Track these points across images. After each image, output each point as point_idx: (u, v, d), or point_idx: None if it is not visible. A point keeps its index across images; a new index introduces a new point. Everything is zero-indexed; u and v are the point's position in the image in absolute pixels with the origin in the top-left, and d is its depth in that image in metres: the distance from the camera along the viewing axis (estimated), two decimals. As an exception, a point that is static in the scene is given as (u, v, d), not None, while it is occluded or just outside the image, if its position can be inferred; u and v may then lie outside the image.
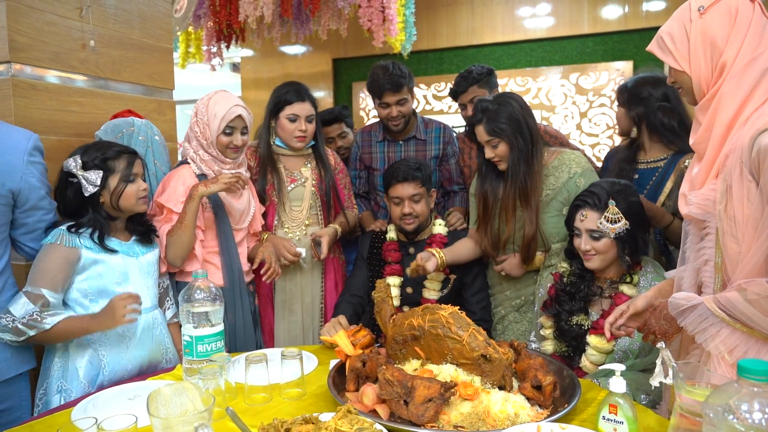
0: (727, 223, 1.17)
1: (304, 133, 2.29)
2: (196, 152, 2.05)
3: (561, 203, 2.02)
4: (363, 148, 2.76)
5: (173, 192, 1.96)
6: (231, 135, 2.03)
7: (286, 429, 1.13)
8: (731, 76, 1.19)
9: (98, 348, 1.67)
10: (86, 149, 1.71)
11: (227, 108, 2.01)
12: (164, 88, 2.72)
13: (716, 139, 1.22)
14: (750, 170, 1.13)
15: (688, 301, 1.22)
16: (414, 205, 2.15)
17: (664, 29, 1.30)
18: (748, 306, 1.12)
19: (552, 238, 2.05)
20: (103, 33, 2.37)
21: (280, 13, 3.95)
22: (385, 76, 2.51)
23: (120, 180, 1.69)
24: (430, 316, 1.52)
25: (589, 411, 1.37)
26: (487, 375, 1.42)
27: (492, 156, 2.01)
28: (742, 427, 0.83)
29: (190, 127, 2.07)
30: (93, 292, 1.67)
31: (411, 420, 1.26)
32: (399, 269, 2.22)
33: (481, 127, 2.00)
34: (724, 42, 1.20)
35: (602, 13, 4.80)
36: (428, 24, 5.22)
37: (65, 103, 2.22)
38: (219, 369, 1.41)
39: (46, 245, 1.63)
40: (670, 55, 1.28)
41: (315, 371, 1.69)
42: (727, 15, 1.20)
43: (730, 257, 1.19)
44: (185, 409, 1.07)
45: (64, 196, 1.70)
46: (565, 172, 2.02)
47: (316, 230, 2.33)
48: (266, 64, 5.97)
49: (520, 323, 2.17)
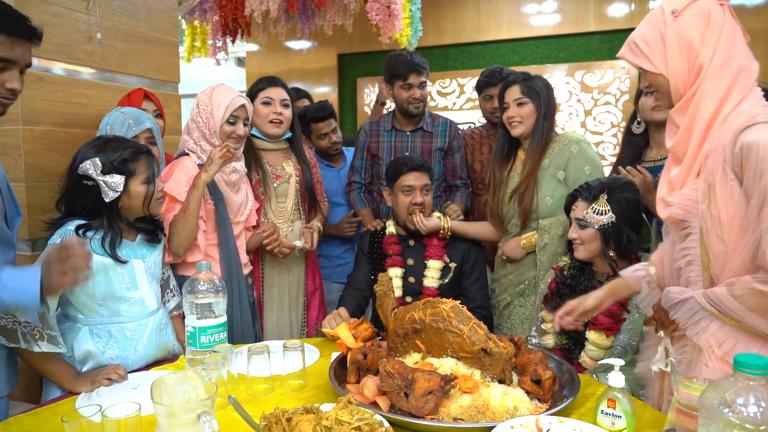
0: (711, 222, 1.19)
1: (279, 116, 2.31)
2: (197, 143, 2.07)
3: (555, 168, 2.14)
4: (371, 137, 2.81)
5: (176, 182, 1.97)
6: (234, 124, 2.07)
7: (288, 418, 1.14)
8: (709, 77, 1.21)
9: (105, 350, 1.62)
10: (100, 148, 1.61)
11: (231, 98, 2.05)
12: (170, 82, 2.74)
13: (696, 139, 1.23)
14: (732, 168, 1.15)
15: (680, 295, 1.24)
16: (425, 195, 2.22)
17: (636, 34, 1.32)
18: (734, 301, 1.15)
19: (545, 201, 2.13)
20: (110, 26, 2.38)
21: (286, 8, 3.95)
22: (410, 59, 2.66)
23: (142, 183, 1.64)
24: (431, 310, 1.53)
25: (588, 405, 1.38)
26: (487, 369, 1.43)
27: (513, 116, 2.15)
28: (738, 420, 0.84)
29: (192, 118, 2.09)
30: (101, 296, 1.61)
31: (411, 412, 1.28)
32: (400, 261, 2.27)
33: (517, 86, 2.16)
34: (700, 43, 1.22)
35: (608, 10, 4.78)
36: (433, 20, 5.21)
37: (71, 95, 2.24)
38: (222, 360, 1.42)
39: (51, 245, 1.52)
40: (645, 58, 1.30)
41: (316, 363, 1.71)
42: (700, 17, 1.23)
43: (716, 256, 1.20)
44: (188, 397, 1.08)
45: (75, 198, 1.61)
46: (561, 142, 2.16)
47: (299, 225, 2.42)
48: (271, 59, 5.97)
49: (523, 307, 2.22)
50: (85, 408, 1.10)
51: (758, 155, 1.09)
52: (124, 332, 1.65)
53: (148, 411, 1.12)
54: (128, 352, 1.65)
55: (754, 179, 1.10)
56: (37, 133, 2.11)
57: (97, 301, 1.62)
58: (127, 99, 2.24)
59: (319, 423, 1.09)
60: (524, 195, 2.14)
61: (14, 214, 1.47)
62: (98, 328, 1.63)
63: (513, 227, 2.24)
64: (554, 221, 2.10)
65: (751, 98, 1.21)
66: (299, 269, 2.45)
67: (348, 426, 1.08)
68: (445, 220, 2.22)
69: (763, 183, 1.09)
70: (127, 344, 1.65)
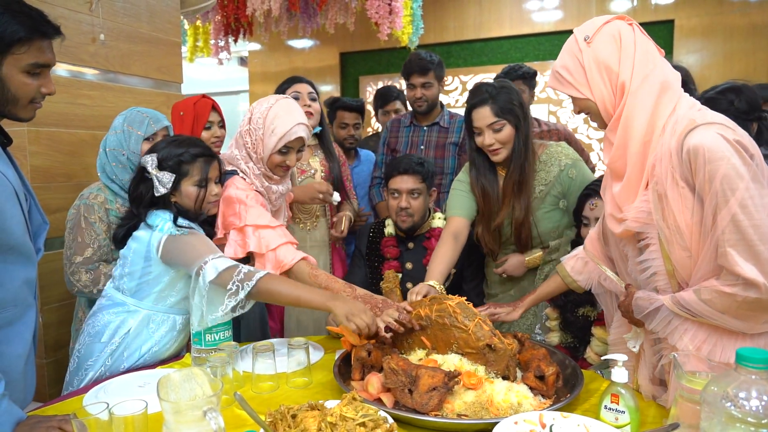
0: (668, 231, 1.21)
1: (309, 108, 2.28)
2: (246, 163, 1.84)
3: (555, 197, 2.00)
4: (391, 132, 2.91)
5: (232, 213, 1.76)
6: (286, 154, 1.82)
7: (293, 415, 1.15)
8: (632, 94, 1.25)
9: (152, 336, 1.66)
10: (166, 145, 1.67)
11: (289, 127, 1.78)
12: (173, 82, 2.75)
13: (635, 154, 1.26)
14: (682, 175, 1.17)
15: (651, 304, 1.27)
16: (411, 200, 2.10)
17: (558, 64, 1.37)
18: (703, 305, 1.17)
19: (551, 234, 2.03)
20: (113, 27, 2.39)
21: (288, 7, 3.96)
22: (416, 60, 2.73)
23: (193, 185, 1.65)
24: (437, 306, 1.54)
25: (592, 401, 1.38)
26: (491, 365, 1.44)
27: (491, 143, 1.89)
28: (740, 414, 0.84)
29: (240, 133, 1.85)
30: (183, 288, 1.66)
31: (415, 408, 1.28)
32: (397, 266, 2.19)
33: (486, 108, 1.88)
34: (617, 64, 1.26)
35: (611, 6, 4.78)
36: (435, 17, 5.20)
37: (75, 96, 2.25)
38: (227, 358, 1.43)
39: (175, 236, 1.57)
40: (570, 86, 1.34)
41: (321, 361, 1.72)
42: (611, 40, 1.28)
43: (680, 263, 1.23)
44: (194, 394, 1.09)
45: (137, 186, 1.66)
46: (555, 165, 1.98)
47: (325, 222, 2.39)
48: (274, 58, 5.98)
49: (524, 318, 2.17)
50: (93, 406, 1.11)
51: (705, 157, 1.12)
52: (174, 322, 1.69)
53: (155, 408, 1.14)
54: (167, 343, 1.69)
55: (704, 181, 1.13)
56: (42, 135, 2.13)
57: (173, 292, 1.66)
58: (192, 107, 2.17)
59: (324, 419, 1.10)
60: (522, 227, 1.99)
61: (40, 223, 1.44)
62: (157, 315, 1.67)
63: (509, 251, 2.12)
64: (564, 241, 2.02)
65: (684, 104, 1.24)
66: (324, 262, 2.40)
67: (353, 422, 1.09)
68: (439, 288, 1.82)
69: (714, 185, 1.11)
70: (170, 336, 1.69)
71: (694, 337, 1.21)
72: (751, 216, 1.08)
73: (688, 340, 1.21)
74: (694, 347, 1.20)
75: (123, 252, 1.66)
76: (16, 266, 1.31)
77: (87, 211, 1.90)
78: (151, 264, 1.61)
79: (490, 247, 2.08)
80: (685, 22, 4.53)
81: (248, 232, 1.72)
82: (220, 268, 1.52)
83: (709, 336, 1.20)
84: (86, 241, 1.89)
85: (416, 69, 2.70)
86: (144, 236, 1.62)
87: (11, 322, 1.32)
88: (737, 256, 1.09)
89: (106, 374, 1.62)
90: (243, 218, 1.73)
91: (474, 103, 1.92)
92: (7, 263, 1.28)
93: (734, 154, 1.10)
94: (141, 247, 1.62)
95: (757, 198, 1.09)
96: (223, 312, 1.54)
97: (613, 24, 1.29)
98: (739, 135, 1.14)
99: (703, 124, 1.16)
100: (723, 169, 1.10)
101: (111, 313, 1.65)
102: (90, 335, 1.65)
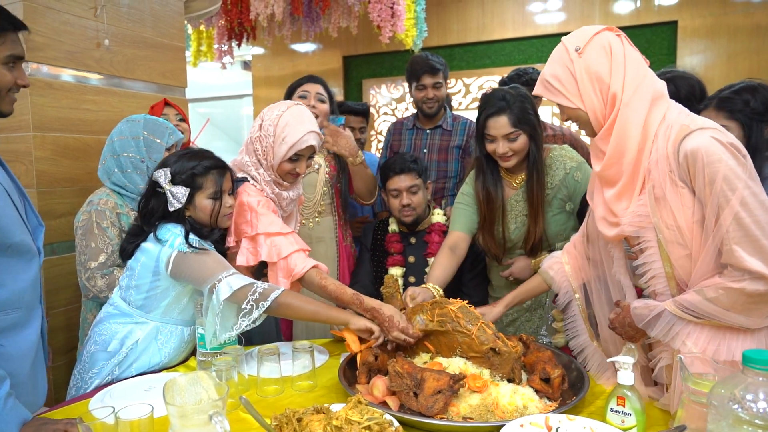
0: (668, 232, 1.25)
1: (314, 109, 2.25)
2: (257, 170, 1.82)
3: (561, 200, 1.99)
4: (394, 135, 2.92)
5: (244, 221, 1.76)
6: (296, 162, 1.82)
7: (298, 418, 1.15)
8: (625, 105, 1.28)
9: (161, 348, 1.66)
10: (178, 158, 1.64)
11: (300, 135, 1.77)
12: (177, 86, 2.76)
13: (630, 162, 1.29)
14: (681, 177, 1.21)
15: (650, 311, 1.27)
16: (411, 196, 2.18)
17: (547, 72, 1.37)
18: (709, 305, 1.18)
19: (558, 236, 2.02)
20: (117, 32, 2.41)
21: (291, 11, 3.97)
22: (425, 61, 2.73)
23: (207, 198, 1.63)
24: (439, 311, 1.54)
25: (598, 404, 1.38)
26: (496, 368, 1.44)
27: (505, 151, 1.88)
28: (747, 416, 0.84)
29: (251, 139, 1.84)
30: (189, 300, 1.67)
31: (421, 411, 1.28)
32: (401, 260, 2.26)
33: (504, 117, 1.85)
34: (608, 75, 1.29)
35: (614, 8, 4.76)
36: (438, 20, 5.21)
37: (80, 102, 2.26)
38: (232, 361, 1.44)
39: (186, 254, 1.55)
40: (561, 95, 1.35)
41: (326, 364, 1.72)
42: (602, 51, 1.30)
43: (679, 263, 1.25)
44: (200, 398, 1.09)
45: (148, 201, 1.64)
46: (560, 168, 1.96)
47: (330, 221, 2.39)
48: (277, 62, 6.00)
49: (530, 321, 2.17)
50: (99, 410, 1.11)
51: (704, 161, 1.16)
52: (182, 334, 1.70)
53: (161, 412, 1.14)
54: (176, 355, 1.70)
55: (704, 184, 1.17)
56: (47, 140, 2.14)
57: (179, 305, 1.67)
58: (150, 112, 2.27)
59: (329, 423, 1.10)
60: (530, 233, 1.98)
61: (36, 225, 1.45)
62: (165, 326, 1.67)
63: (515, 255, 2.11)
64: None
65: (674, 110, 1.29)
66: (328, 263, 2.35)
67: (358, 425, 1.09)
68: (436, 291, 1.83)
69: (715, 186, 1.15)
70: (180, 348, 1.70)
71: (698, 339, 1.22)
72: (752, 213, 1.12)
73: (691, 343, 1.22)
74: (698, 349, 1.20)
75: (130, 263, 1.65)
76: (18, 266, 1.32)
77: (99, 216, 1.90)
78: (159, 279, 1.60)
79: (494, 252, 2.08)
80: (689, 22, 4.51)
81: (260, 241, 1.72)
82: (235, 287, 1.51)
83: (713, 337, 1.22)
84: (100, 246, 1.89)
85: (427, 69, 2.70)
86: (153, 250, 1.59)
87: (16, 324, 1.33)
88: (743, 252, 1.13)
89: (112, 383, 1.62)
90: (255, 226, 1.72)
91: (491, 113, 1.88)
92: (8, 263, 1.29)
93: (730, 155, 1.15)
94: (149, 261, 1.60)
95: (756, 195, 1.13)
96: (236, 330, 1.54)
97: (603, 35, 1.31)
98: (730, 138, 1.19)
99: (697, 129, 1.20)
100: (722, 170, 1.14)
101: (118, 322, 1.64)
102: (97, 343, 1.65)
